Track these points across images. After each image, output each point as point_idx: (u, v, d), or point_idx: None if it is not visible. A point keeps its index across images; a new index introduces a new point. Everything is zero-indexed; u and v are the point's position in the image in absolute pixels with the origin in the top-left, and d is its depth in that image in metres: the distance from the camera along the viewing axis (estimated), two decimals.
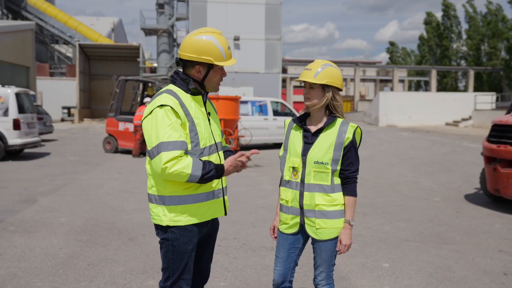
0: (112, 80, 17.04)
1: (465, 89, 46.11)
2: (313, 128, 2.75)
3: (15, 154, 12.82)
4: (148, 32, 34.89)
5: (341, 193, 2.72)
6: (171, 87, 2.55)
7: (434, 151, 16.08)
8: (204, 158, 2.49)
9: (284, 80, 61.90)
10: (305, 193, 2.68)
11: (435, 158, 14.01)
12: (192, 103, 2.51)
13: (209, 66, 2.50)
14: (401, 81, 60.28)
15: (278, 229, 2.85)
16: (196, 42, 2.46)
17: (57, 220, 6.08)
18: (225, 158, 2.67)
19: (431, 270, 4.50)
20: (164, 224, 2.49)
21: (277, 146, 17.16)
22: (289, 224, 2.76)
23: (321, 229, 2.69)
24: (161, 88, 2.80)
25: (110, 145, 14.07)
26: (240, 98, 13.76)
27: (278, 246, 2.83)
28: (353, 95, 51.03)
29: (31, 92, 20.63)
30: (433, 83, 43.94)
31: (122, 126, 13.87)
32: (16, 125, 11.65)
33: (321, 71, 2.69)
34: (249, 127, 15.16)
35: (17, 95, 11.88)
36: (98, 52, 33.64)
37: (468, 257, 4.88)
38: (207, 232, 2.67)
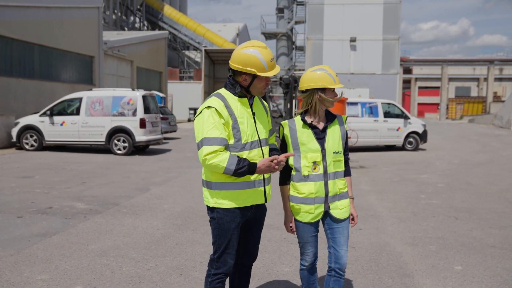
0: None
1: None
2: (320, 125, 3.11)
3: (142, 149, 14.49)
4: (268, 36, 36.20)
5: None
6: (221, 90, 2.98)
7: None
8: (245, 152, 2.87)
9: (408, 81, 59.25)
10: (329, 182, 3.05)
11: None
12: (238, 104, 2.91)
13: (254, 76, 2.87)
14: None
15: (294, 223, 3.16)
16: (242, 55, 2.84)
17: (161, 206, 6.94)
18: (270, 155, 3.02)
19: (507, 277, 4.30)
20: (211, 205, 2.94)
21: (388, 148, 16.78)
22: (313, 213, 3.07)
23: (344, 208, 3.12)
24: (270, 90, 3.27)
25: None
26: (346, 100, 13.79)
27: (302, 234, 3.14)
28: (486, 95, 46.97)
29: (161, 95, 22.87)
30: None
31: None
32: (142, 124, 13.20)
33: None
34: (358, 129, 15.10)
35: (144, 97, 13.45)
36: (221, 57, 35.77)
37: None
38: (253, 217, 3.04)
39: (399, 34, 26.42)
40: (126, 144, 13.30)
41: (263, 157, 2.95)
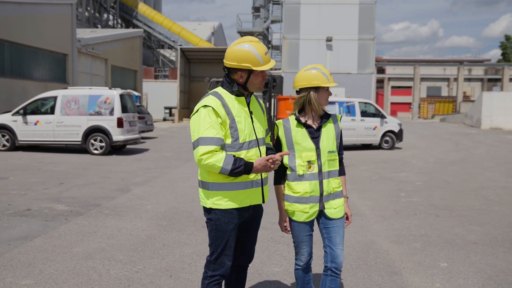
0: (205, 81, 18.06)
1: None
2: (314, 124, 3.12)
3: (119, 149, 14.25)
4: (245, 35, 36.14)
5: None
6: (218, 89, 2.95)
7: None
8: (243, 152, 2.83)
9: (381, 81, 60.15)
10: (324, 181, 3.06)
11: None
12: (235, 103, 2.88)
13: (250, 71, 2.84)
14: None
15: (289, 223, 3.16)
16: (236, 51, 2.81)
17: (144, 207, 6.84)
18: (266, 155, 3.00)
19: (491, 272, 4.41)
20: (208, 206, 2.89)
21: (365, 147, 17.00)
22: (308, 213, 3.07)
23: (339, 207, 3.12)
24: None
25: None
26: None
27: (297, 234, 3.14)
28: (456, 95, 48.12)
29: (136, 94, 22.58)
30: None
31: None
32: (120, 123, 12.98)
33: None
34: None
35: (121, 96, 13.22)
36: (197, 55, 35.58)
37: None
38: (250, 218, 3.02)
39: (374, 34, 26.80)
40: (103, 144, 13.06)
41: (260, 157, 2.92)
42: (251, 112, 2.95)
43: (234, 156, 2.77)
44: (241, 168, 2.74)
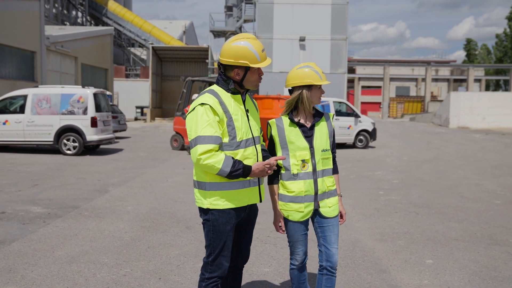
0: (180, 80, 17.86)
1: None
2: (307, 123, 3.11)
3: (93, 149, 13.94)
4: (217, 34, 35.94)
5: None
6: (214, 87, 2.90)
7: (506, 154, 15.34)
8: (240, 150, 2.80)
9: (352, 81, 61.06)
10: (319, 180, 3.05)
11: (506, 161, 13.39)
12: (232, 101, 2.84)
13: (246, 68, 2.81)
14: (477, 80, 57.24)
15: (284, 222, 3.14)
16: (233, 48, 2.77)
17: (125, 208, 6.69)
18: (261, 156, 2.97)
19: (475, 268, 4.51)
20: (205, 206, 2.84)
21: (339, 146, 17.17)
22: (303, 212, 3.06)
23: (333, 206, 3.12)
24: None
25: (177, 142, 14.83)
26: None
27: (293, 233, 3.12)
28: (424, 95, 49.32)
29: (108, 93, 22.14)
30: None
31: None
32: (93, 122, 12.68)
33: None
34: None
35: (95, 95, 12.93)
36: (169, 54, 35.18)
37: None
38: (246, 218, 2.98)
39: (347, 34, 27.11)
40: (76, 144, 12.73)
41: (257, 155, 2.90)
42: (247, 110, 2.92)
43: (233, 158, 2.73)
44: (239, 171, 2.71)
